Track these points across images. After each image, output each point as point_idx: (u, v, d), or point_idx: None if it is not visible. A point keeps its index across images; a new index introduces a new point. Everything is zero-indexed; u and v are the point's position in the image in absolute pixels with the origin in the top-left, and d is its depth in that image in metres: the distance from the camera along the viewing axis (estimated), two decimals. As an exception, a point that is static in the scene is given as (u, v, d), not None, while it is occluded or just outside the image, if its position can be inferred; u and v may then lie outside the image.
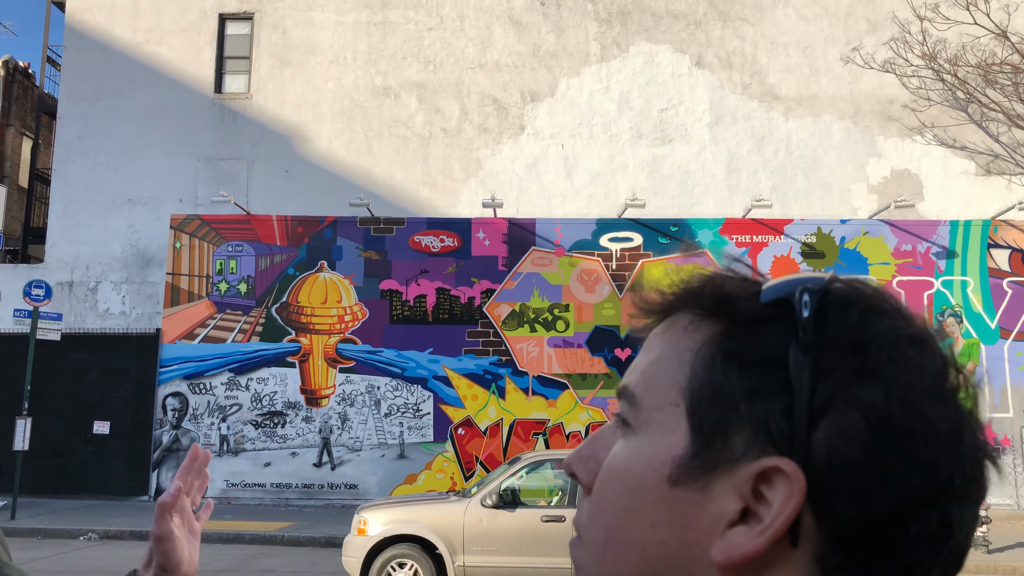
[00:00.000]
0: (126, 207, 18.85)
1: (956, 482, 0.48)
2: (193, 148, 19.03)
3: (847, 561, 0.47)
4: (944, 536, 0.48)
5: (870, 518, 0.47)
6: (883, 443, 0.47)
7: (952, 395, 0.50)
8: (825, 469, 0.47)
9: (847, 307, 0.51)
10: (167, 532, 1.08)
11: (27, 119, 24.76)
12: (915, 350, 0.50)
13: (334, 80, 19.21)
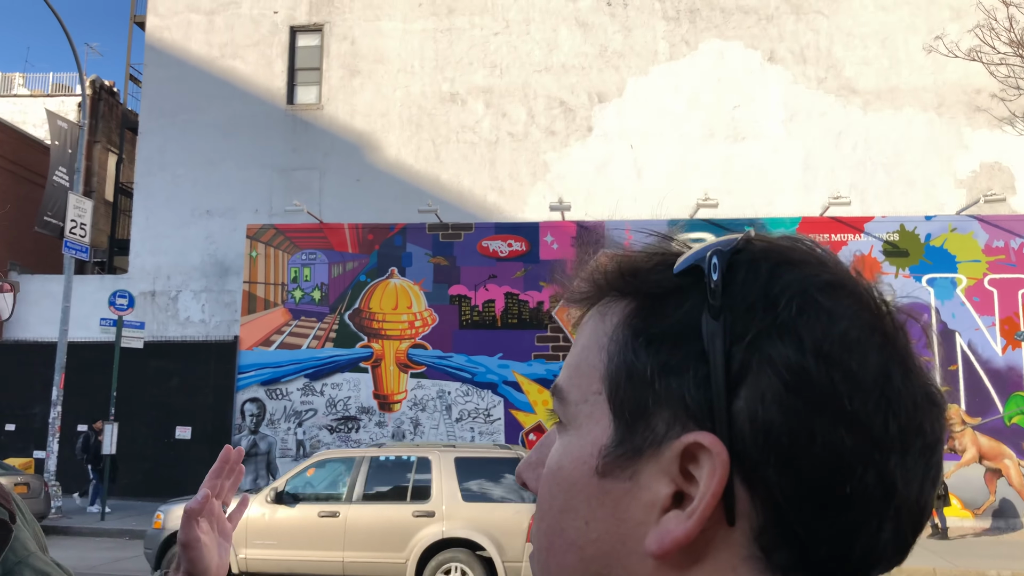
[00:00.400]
0: (204, 218, 19.39)
1: (891, 431, 0.44)
2: (267, 159, 19.46)
3: (785, 533, 0.44)
4: (886, 492, 0.44)
5: (802, 483, 0.43)
6: (803, 401, 0.43)
7: (877, 338, 0.45)
8: (750, 438, 0.43)
9: (757, 264, 0.47)
10: (193, 539, 1.09)
11: (112, 135, 25.74)
12: (828, 297, 0.46)
13: (402, 88, 19.40)
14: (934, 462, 0.46)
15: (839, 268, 0.48)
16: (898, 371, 0.45)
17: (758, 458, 0.43)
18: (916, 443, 0.45)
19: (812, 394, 0.43)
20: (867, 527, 0.44)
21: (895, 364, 0.45)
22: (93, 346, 18.08)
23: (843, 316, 0.45)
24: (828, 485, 0.43)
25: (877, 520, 0.44)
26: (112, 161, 25.24)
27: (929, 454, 0.46)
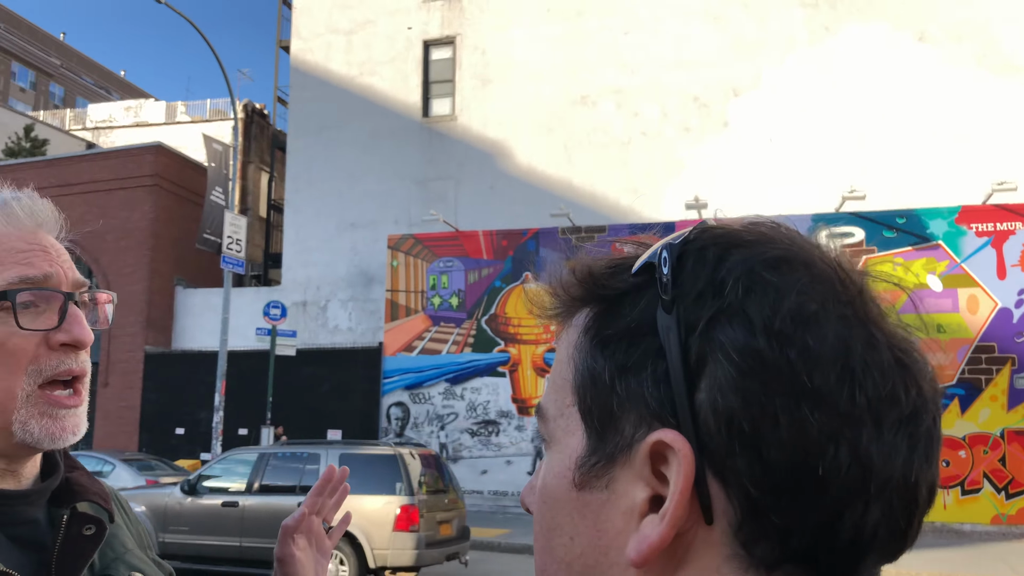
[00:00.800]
0: (349, 230, 20.25)
1: (859, 404, 0.41)
2: (405, 171, 20.10)
3: (763, 525, 0.41)
4: (864, 470, 0.41)
5: (772, 470, 0.41)
6: (760, 384, 0.41)
7: (835, 309, 0.43)
8: (714, 430, 0.41)
9: (705, 251, 0.45)
10: (288, 555, 1.13)
11: (264, 155, 27.32)
12: (777, 273, 0.44)
13: (533, 94, 19.55)
14: (921, 432, 0.43)
15: (794, 243, 0.46)
16: (860, 340, 0.42)
17: (725, 450, 0.41)
18: (891, 414, 0.42)
19: (768, 375, 0.41)
20: (851, 510, 0.41)
21: (857, 334, 0.42)
22: (251, 354, 19.23)
23: (793, 290, 0.42)
24: (799, 468, 0.40)
25: (861, 502, 0.41)
26: (264, 179, 26.78)
27: (911, 424, 0.42)
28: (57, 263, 0.95)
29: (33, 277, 0.91)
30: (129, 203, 21.40)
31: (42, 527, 0.95)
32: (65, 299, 0.93)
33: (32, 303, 0.91)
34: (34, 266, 0.92)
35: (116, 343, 20.81)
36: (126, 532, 1.07)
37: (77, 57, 77.15)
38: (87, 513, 0.97)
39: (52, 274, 0.93)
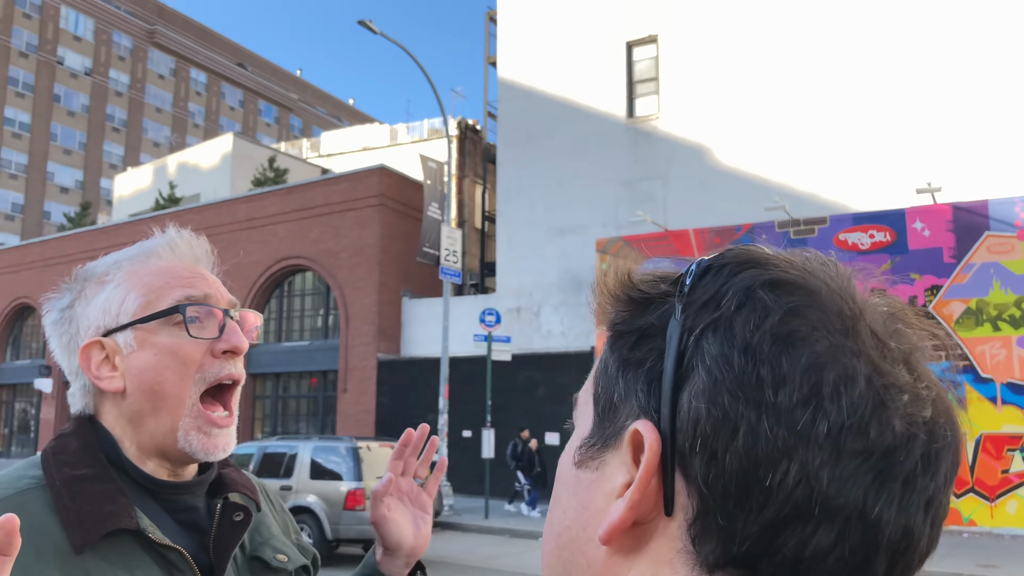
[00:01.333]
0: (558, 236, 20.59)
1: (819, 428, 0.42)
2: (612, 173, 20.12)
3: (708, 525, 0.43)
4: (810, 492, 0.42)
5: (724, 474, 0.43)
6: (728, 393, 0.43)
7: (822, 335, 0.43)
8: (685, 429, 0.44)
9: (723, 267, 0.47)
10: (380, 517, 1.21)
11: (477, 168, 28.47)
12: (771, 293, 0.45)
13: (739, 87, 18.86)
14: (895, 472, 0.42)
15: (810, 271, 0.46)
16: (837, 369, 0.42)
17: (689, 448, 0.43)
18: (854, 445, 0.42)
19: (736, 386, 0.43)
20: (793, 528, 0.41)
21: (837, 362, 0.42)
22: (471, 360, 20.10)
23: (781, 311, 0.44)
24: (749, 476, 0.42)
25: (805, 523, 0.41)
26: (479, 192, 27.91)
27: (882, 461, 0.42)
28: (214, 286, 1.12)
29: (196, 296, 1.08)
30: (359, 222, 23.12)
31: (201, 513, 1.10)
32: (224, 313, 1.09)
33: (197, 318, 1.07)
34: (196, 287, 1.09)
35: (352, 352, 22.55)
36: (271, 520, 1.21)
37: (312, 91, 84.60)
38: (237, 503, 1.12)
39: (211, 294, 1.10)
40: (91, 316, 1.08)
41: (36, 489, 0.99)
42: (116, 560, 0.97)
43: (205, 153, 35.14)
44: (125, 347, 1.05)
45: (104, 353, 1.06)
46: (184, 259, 1.13)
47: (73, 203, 56.30)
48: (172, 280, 1.08)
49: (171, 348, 1.04)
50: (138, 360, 1.05)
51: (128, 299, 1.07)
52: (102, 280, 1.10)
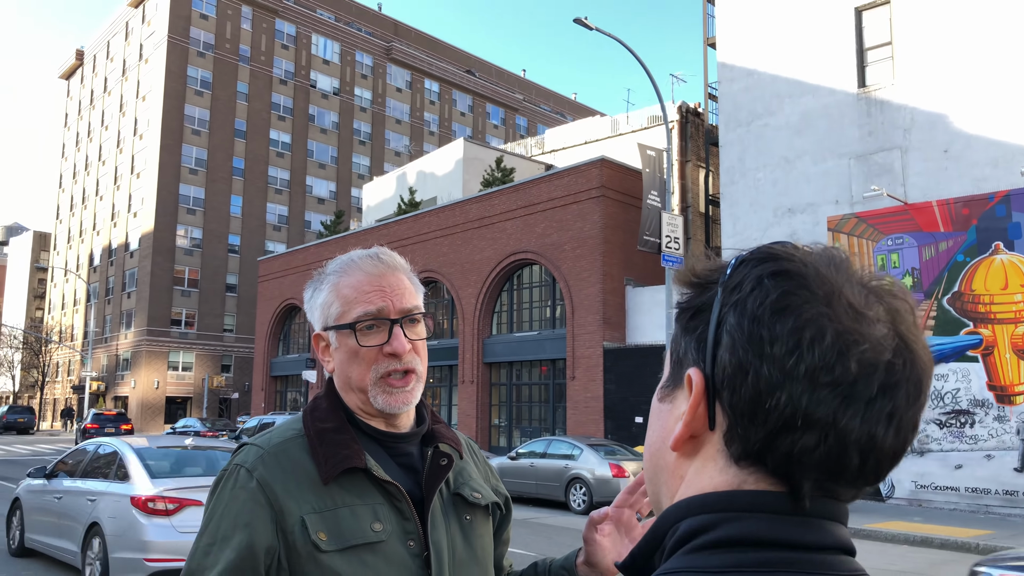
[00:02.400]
0: (786, 217, 19.85)
1: (800, 369, 0.61)
2: (843, 148, 19.06)
3: (733, 434, 0.64)
4: (795, 410, 0.61)
5: (741, 401, 0.63)
6: (743, 349, 0.63)
7: (805, 307, 0.62)
8: (719, 373, 0.64)
9: (749, 262, 0.67)
10: (591, 537, 1.43)
11: (700, 152, 28.04)
12: (773, 280, 0.64)
13: (980, 45, 17.13)
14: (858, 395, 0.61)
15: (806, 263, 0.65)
16: (812, 330, 0.61)
17: (722, 385, 0.64)
18: (824, 379, 0.61)
19: (747, 344, 0.63)
20: (785, 434, 0.62)
21: (813, 325, 0.62)
22: (697, 346, 19.95)
23: (778, 291, 0.63)
24: (755, 401, 0.62)
25: (792, 430, 0.62)
26: (702, 176, 27.49)
27: (849, 389, 0.61)
28: (389, 298, 1.40)
29: (371, 311, 1.38)
30: (581, 215, 23.69)
31: (415, 458, 1.44)
32: (391, 323, 1.39)
33: (374, 326, 1.38)
34: (373, 303, 1.39)
35: (579, 340, 23.18)
36: (473, 467, 1.55)
37: (535, 89, 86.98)
38: (443, 451, 1.46)
39: (384, 307, 1.39)
40: (316, 312, 1.45)
41: (297, 438, 1.37)
42: (352, 490, 1.33)
43: (439, 159, 37.47)
44: (333, 342, 1.42)
45: (324, 342, 1.44)
46: (371, 274, 1.41)
47: (328, 212, 62.22)
48: (359, 296, 1.39)
49: (353, 350, 1.39)
50: (338, 354, 1.41)
51: (333, 306, 1.41)
52: (321, 284, 1.45)
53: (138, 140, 61.01)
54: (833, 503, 0.65)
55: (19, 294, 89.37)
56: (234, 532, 1.26)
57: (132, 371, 56.51)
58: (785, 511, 0.63)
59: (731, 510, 0.63)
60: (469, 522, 1.45)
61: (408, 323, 1.42)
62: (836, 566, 0.62)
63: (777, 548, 0.61)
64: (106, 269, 63.66)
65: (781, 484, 0.63)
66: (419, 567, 1.34)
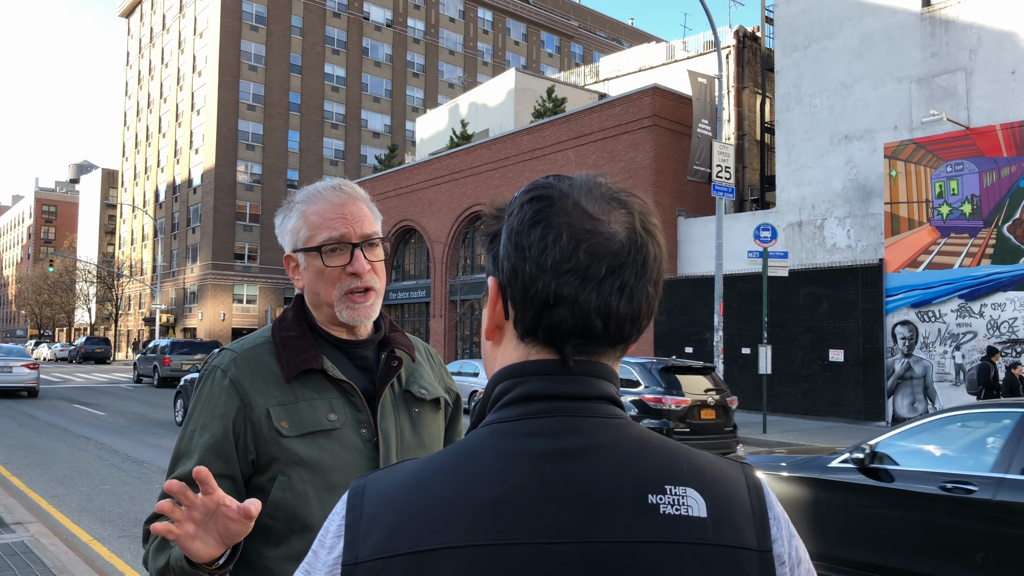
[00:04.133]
0: (842, 144, 19.40)
1: (546, 263, 0.79)
2: (903, 71, 18.43)
3: (517, 318, 0.83)
4: (548, 295, 0.79)
5: (516, 293, 0.82)
6: (512, 255, 0.82)
7: (553, 218, 0.80)
8: (504, 276, 0.84)
9: (521, 193, 0.86)
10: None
11: (757, 78, 27.30)
12: (530, 203, 0.83)
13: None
14: (590, 277, 0.79)
15: (554, 187, 0.84)
16: (553, 234, 0.80)
17: (505, 285, 0.84)
18: (564, 267, 0.79)
19: (514, 249, 0.82)
20: (546, 312, 0.80)
21: (555, 232, 0.80)
22: (747, 277, 19.88)
23: (531, 210, 0.82)
24: (523, 292, 0.81)
25: (550, 309, 0.80)
26: (758, 102, 26.83)
27: (581, 273, 0.79)
28: (351, 225, 1.59)
29: (334, 237, 1.58)
30: (633, 144, 23.47)
31: (371, 361, 1.68)
32: (353, 247, 1.59)
33: (337, 249, 1.58)
34: (336, 229, 1.59)
35: (631, 272, 23.19)
36: (427, 369, 1.79)
37: (591, 15, 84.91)
38: (396, 355, 1.70)
39: (346, 232, 1.59)
40: (286, 236, 1.65)
41: (266, 344, 1.62)
42: (311, 387, 1.56)
43: (491, 90, 37.21)
44: (302, 262, 1.63)
45: (294, 263, 1.65)
46: (335, 203, 1.61)
47: (383, 146, 62.50)
48: (324, 222, 1.59)
49: (319, 270, 1.60)
50: (306, 274, 1.62)
51: (301, 231, 1.61)
52: (290, 212, 1.64)
53: (197, 77, 61.83)
54: (595, 364, 0.83)
55: (91, 230, 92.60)
56: (212, 422, 1.53)
57: (199, 303, 58.52)
58: (558, 372, 0.82)
59: (521, 375, 0.83)
60: (418, 414, 1.68)
61: (368, 247, 1.62)
62: (597, 411, 0.81)
63: (553, 399, 0.81)
64: (171, 205, 65.44)
65: (553, 352, 0.82)
66: (370, 450, 1.58)
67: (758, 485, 0.83)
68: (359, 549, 0.76)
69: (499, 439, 0.79)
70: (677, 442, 0.82)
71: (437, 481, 0.77)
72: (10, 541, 6.47)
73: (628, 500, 0.75)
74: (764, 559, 0.77)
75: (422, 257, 34.01)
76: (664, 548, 0.73)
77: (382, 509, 0.77)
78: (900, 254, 17.60)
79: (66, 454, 12.11)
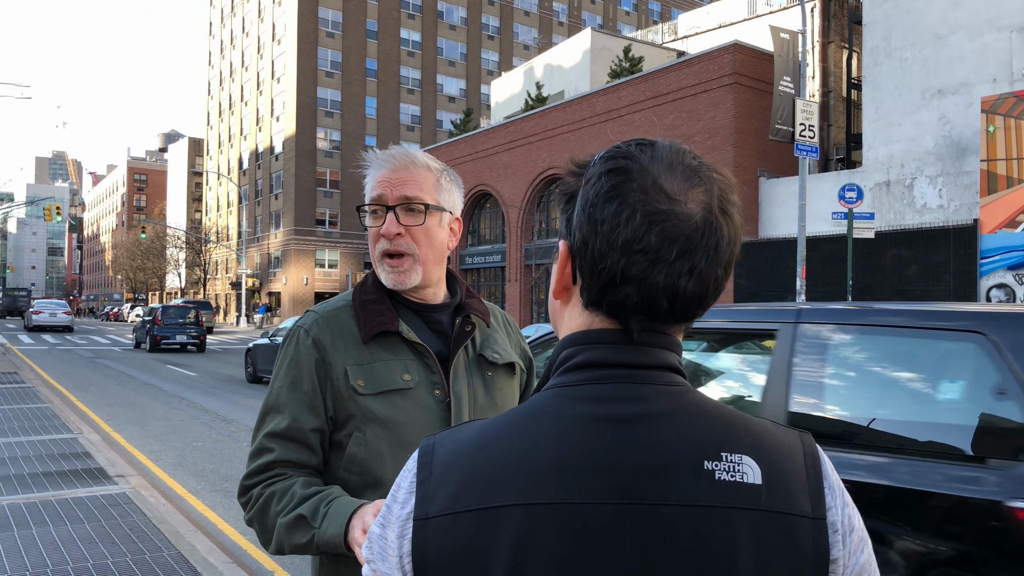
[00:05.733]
0: (935, 99, 18.52)
1: (617, 241, 0.79)
2: (1004, 19, 17.40)
3: (583, 287, 0.85)
4: (617, 272, 0.80)
5: (584, 264, 0.83)
6: (585, 227, 0.82)
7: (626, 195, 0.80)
8: (574, 243, 0.84)
9: (601, 158, 0.85)
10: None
11: (843, 32, 26.20)
12: (607, 175, 0.82)
13: None
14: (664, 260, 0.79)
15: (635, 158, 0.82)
16: (626, 212, 0.80)
17: (575, 253, 0.84)
18: (636, 247, 0.79)
19: (587, 221, 0.82)
20: (610, 288, 0.81)
21: (628, 209, 0.80)
22: (832, 239, 19.28)
23: (607, 184, 0.81)
24: (592, 266, 0.82)
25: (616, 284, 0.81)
26: (844, 57, 25.79)
27: (650, 254, 0.79)
28: (390, 187, 1.64)
29: (373, 198, 1.66)
30: (712, 104, 22.90)
31: (446, 325, 1.73)
32: (386, 209, 1.65)
33: (376, 211, 1.66)
34: (376, 191, 1.66)
35: (709, 234, 22.76)
36: (503, 335, 1.83)
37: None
38: (471, 320, 1.75)
39: (383, 195, 1.65)
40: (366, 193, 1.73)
41: (346, 307, 1.69)
42: (387, 348, 1.63)
43: (566, 51, 36.75)
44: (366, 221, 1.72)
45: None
46: (385, 167, 1.67)
47: (459, 111, 62.65)
48: (374, 184, 1.67)
49: (369, 229, 1.69)
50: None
51: (365, 190, 1.71)
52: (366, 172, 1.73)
53: (276, 45, 62.93)
54: (659, 335, 0.84)
55: (179, 197, 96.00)
56: (301, 378, 1.61)
57: (283, 268, 60.22)
58: (621, 342, 0.83)
59: (584, 343, 0.85)
60: (491, 378, 1.72)
61: (405, 211, 1.65)
62: (658, 379, 0.82)
63: (615, 367, 0.83)
64: (254, 172, 67.18)
65: (617, 323, 0.84)
66: (442, 411, 1.63)
67: (815, 454, 0.84)
68: (429, 505, 0.79)
69: (561, 403, 0.81)
70: (737, 411, 0.83)
71: (501, 441, 0.80)
72: (113, 492, 6.86)
73: (685, 465, 0.77)
74: (817, 526, 0.79)
75: (497, 222, 34.11)
76: (719, 512, 0.75)
77: (450, 467, 0.80)
78: (997, 214, 16.78)
79: (161, 412, 12.72)
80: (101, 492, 6.86)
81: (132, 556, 5.14)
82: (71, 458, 8.30)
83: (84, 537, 5.52)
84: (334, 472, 1.60)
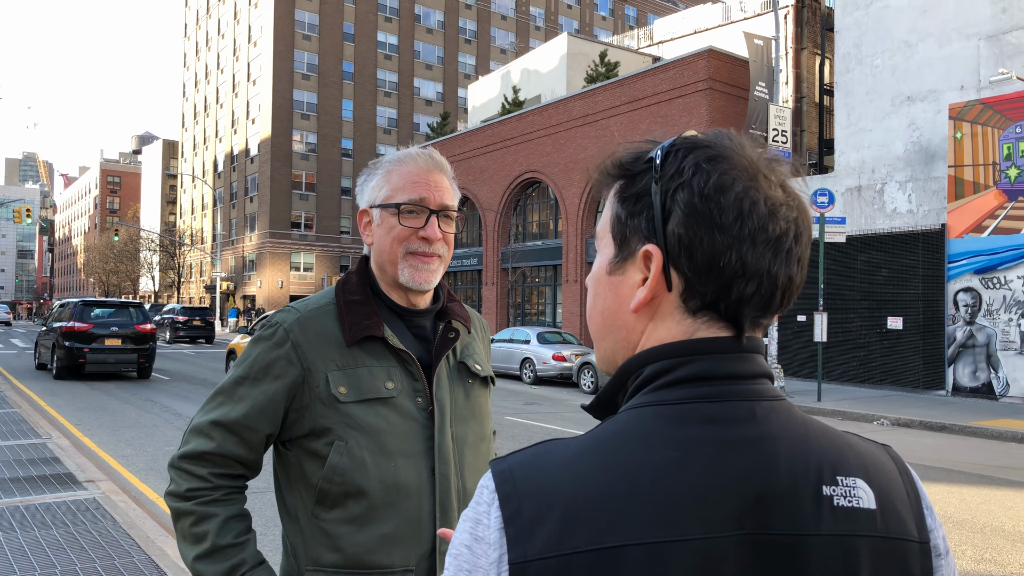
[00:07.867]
0: (905, 105, 18.81)
1: (743, 233, 0.74)
2: (972, 28, 17.72)
3: (690, 291, 0.77)
4: (743, 266, 0.75)
5: (697, 263, 0.75)
6: (695, 222, 0.75)
7: (739, 184, 0.75)
8: (674, 245, 0.76)
9: (679, 150, 0.78)
10: None
11: (816, 38, 26.56)
12: (711, 164, 0.76)
13: None
14: (783, 248, 0.76)
15: (726, 147, 0.78)
16: (749, 200, 0.75)
17: (677, 254, 0.77)
18: (761, 238, 0.75)
19: (698, 217, 0.75)
20: (735, 284, 0.76)
21: (749, 196, 0.75)
22: (805, 243, 19.46)
23: (717, 172, 0.75)
24: (710, 263, 0.75)
25: (740, 280, 0.76)
26: (817, 64, 26.11)
27: (776, 244, 0.76)
28: (432, 191, 1.62)
29: (414, 199, 1.61)
30: (687, 109, 23.10)
31: (428, 331, 1.70)
32: (430, 213, 1.62)
33: (413, 211, 1.61)
34: (418, 192, 1.61)
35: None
36: (480, 344, 1.81)
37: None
38: (453, 326, 1.72)
39: (427, 198, 1.61)
40: (365, 193, 1.67)
41: (329, 306, 1.62)
42: (371, 353, 1.57)
43: (543, 55, 36.88)
44: (376, 218, 1.64)
45: (368, 218, 1.67)
46: (421, 168, 1.63)
47: (436, 114, 62.60)
48: (407, 184, 1.61)
49: (391, 227, 1.61)
50: (378, 231, 1.64)
51: (383, 189, 1.63)
52: (376, 171, 1.67)
53: (252, 47, 62.56)
54: (757, 339, 0.80)
55: (154, 200, 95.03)
56: (265, 378, 1.55)
57: (258, 271, 59.80)
58: (728, 350, 0.77)
59: (684, 354, 0.77)
60: (471, 386, 1.70)
61: (443, 217, 1.64)
62: (765, 393, 0.77)
63: (724, 381, 0.76)
64: (229, 175, 66.70)
65: (727, 327, 0.78)
66: (425, 419, 1.59)
67: (908, 471, 0.81)
68: (527, 546, 0.69)
69: (668, 424, 0.73)
70: (830, 426, 0.80)
71: (604, 469, 0.71)
72: (83, 498, 6.80)
73: (803, 492, 0.72)
74: (923, 550, 0.76)
75: (474, 225, 34.16)
76: (843, 541, 0.72)
77: (545, 500, 0.70)
78: (964, 219, 17.07)
79: (133, 416, 12.60)
80: (70, 497, 6.80)
81: (101, 562, 5.11)
82: (39, 463, 8.21)
83: (52, 543, 5.47)
84: (309, 481, 1.55)
